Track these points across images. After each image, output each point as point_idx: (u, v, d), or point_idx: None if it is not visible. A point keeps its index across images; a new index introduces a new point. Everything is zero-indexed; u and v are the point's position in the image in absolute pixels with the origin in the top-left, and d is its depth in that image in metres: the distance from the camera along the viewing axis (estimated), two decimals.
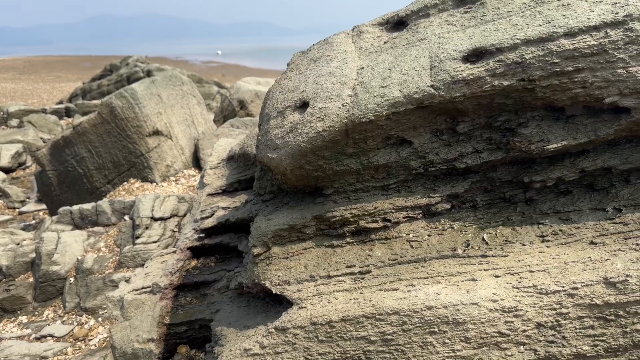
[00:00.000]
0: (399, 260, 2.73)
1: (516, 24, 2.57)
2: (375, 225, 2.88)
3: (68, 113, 21.24)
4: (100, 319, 5.77)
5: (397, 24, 3.02)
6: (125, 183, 8.98)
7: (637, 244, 2.44)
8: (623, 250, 2.45)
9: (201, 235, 4.70)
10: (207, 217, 5.39)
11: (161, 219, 6.70)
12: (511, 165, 2.83)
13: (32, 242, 7.28)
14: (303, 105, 2.86)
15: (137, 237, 6.56)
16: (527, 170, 2.79)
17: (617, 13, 2.39)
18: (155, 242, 6.47)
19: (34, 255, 6.71)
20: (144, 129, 8.90)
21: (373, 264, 2.75)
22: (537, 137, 2.65)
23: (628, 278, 2.33)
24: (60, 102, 26.37)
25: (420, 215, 2.90)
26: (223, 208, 5.40)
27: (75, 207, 7.30)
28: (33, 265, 6.66)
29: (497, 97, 2.62)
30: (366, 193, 2.93)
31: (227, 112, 10.60)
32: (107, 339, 5.18)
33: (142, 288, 4.30)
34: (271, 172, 3.13)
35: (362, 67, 2.79)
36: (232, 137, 9.54)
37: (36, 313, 6.17)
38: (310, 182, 2.95)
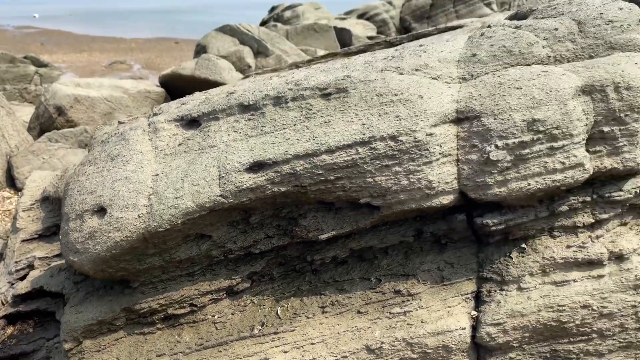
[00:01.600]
0: (204, 345, 3.09)
1: (289, 138, 2.99)
2: (182, 310, 3.18)
3: None
4: None
5: (191, 121, 3.26)
6: None
7: (390, 312, 3.11)
8: (380, 319, 3.10)
9: (15, 299, 4.53)
10: (22, 269, 5.16)
11: None
12: (298, 244, 3.31)
13: None
14: (101, 210, 2.99)
15: None
16: (309, 249, 3.30)
17: (364, 134, 2.93)
18: None
19: None
20: None
21: (181, 351, 3.07)
22: (314, 227, 3.16)
23: (382, 345, 2.98)
24: None
25: (225, 295, 3.27)
26: (40, 259, 5.21)
27: None
28: None
29: (278, 197, 3.05)
30: (173, 281, 3.20)
31: (44, 120, 9.78)
32: None
33: None
34: None
35: (157, 174, 3.00)
36: (51, 152, 8.88)
37: None
38: (115, 278, 3.12)
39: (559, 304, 2.94)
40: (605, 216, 3.02)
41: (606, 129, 2.94)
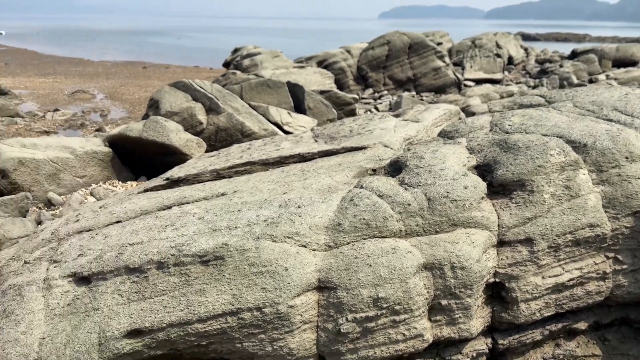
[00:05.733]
0: None
1: (166, 306, 3.33)
2: None
3: None
4: None
5: (82, 279, 3.57)
6: None
7: None
8: None
9: None
10: None
11: None
12: None
13: None
14: None
15: None
16: None
17: (233, 304, 3.30)
18: None
19: None
20: None
21: None
22: None
23: None
24: None
25: None
26: None
27: None
28: None
29: (155, 358, 3.38)
30: None
31: None
32: None
33: None
34: None
35: (44, 337, 3.30)
36: None
37: None
38: None
39: None
40: None
41: (444, 302, 3.39)
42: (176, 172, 6.32)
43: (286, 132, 12.97)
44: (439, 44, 24.78)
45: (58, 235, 4.70)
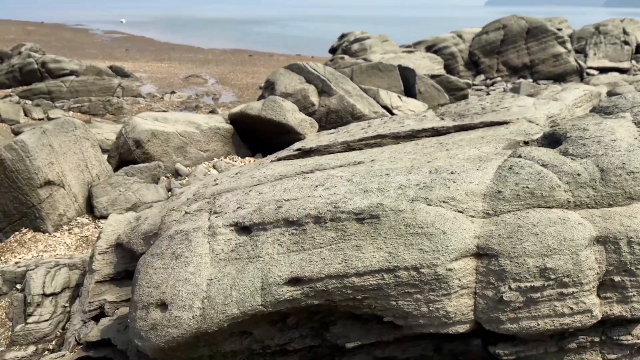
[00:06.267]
0: None
1: (324, 258, 3.42)
2: None
3: None
4: None
5: (243, 228, 3.77)
6: (17, 233, 9.06)
7: None
8: None
9: (88, 345, 5.24)
10: (94, 310, 5.92)
11: (52, 294, 7.05)
12: (328, 345, 3.73)
13: None
14: (163, 305, 3.55)
15: (29, 315, 6.90)
16: (338, 351, 3.71)
17: (390, 262, 3.31)
18: (46, 320, 6.85)
19: None
20: (35, 181, 8.97)
21: None
22: (342, 334, 3.57)
23: None
24: None
25: None
26: (110, 303, 5.95)
27: None
28: None
29: (312, 307, 3.49)
30: None
31: (123, 151, 10.81)
32: None
33: None
34: None
35: (211, 279, 3.53)
36: (127, 185, 9.81)
37: None
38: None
39: None
40: (613, 357, 3.23)
41: (617, 278, 3.15)
42: (305, 144, 6.48)
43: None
44: (558, 29, 23.15)
45: (203, 195, 5.02)
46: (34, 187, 9.21)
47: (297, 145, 6.54)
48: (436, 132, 5.67)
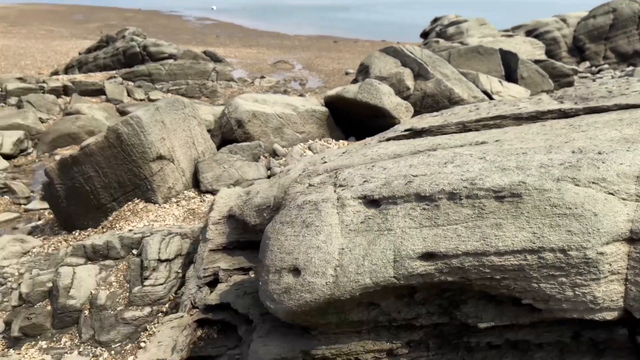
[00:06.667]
0: None
1: (460, 235, 3.35)
2: None
3: (66, 92, 21.50)
4: (113, 352, 6.69)
5: (372, 201, 3.78)
6: (130, 203, 9.74)
7: None
8: None
9: (207, 308, 5.53)
10: (208, 276, 6.24)
11: (167, 260, 7.52)
12: (456, 324, 3.67)
13: (48, 271, 8.00)
14: (295, 271, 3.65)
15: (146, 279, 7.41)
16: (466, 330, 3.64)
17: (534, 243, 3.18)
18: (161, 284, 7.33)
19: (50, 285, 7.55)
20: (149, 155, 9.57)
21: None
22: (473, 314, 3.49)
23: None
24: (56, 73, 26.45)
25: (385, 356, 3.76)
26: (223, 270, 6.24)
27: (88, 242, 8.09)
28: (50, 294, 7.50)
29: (443, 284, 3.44)
30: (343, 335, 3.78)
31: (226, 130, 11.25)
32: None
33: None
34: None
35: (343, 248, 3.58)
36: (230, 162, 10.21)
37: (54, 339, 7.05)
38: (298, 324, 3.79)
39: None
40: None
41: None
42: (414, 124, 6.38)
43: None
44: None
45: (316, 171, 5.09)
46: (147, 161, 9.80)
47: (406, 125, 6.46)
48: (563, 114, 5.36)
